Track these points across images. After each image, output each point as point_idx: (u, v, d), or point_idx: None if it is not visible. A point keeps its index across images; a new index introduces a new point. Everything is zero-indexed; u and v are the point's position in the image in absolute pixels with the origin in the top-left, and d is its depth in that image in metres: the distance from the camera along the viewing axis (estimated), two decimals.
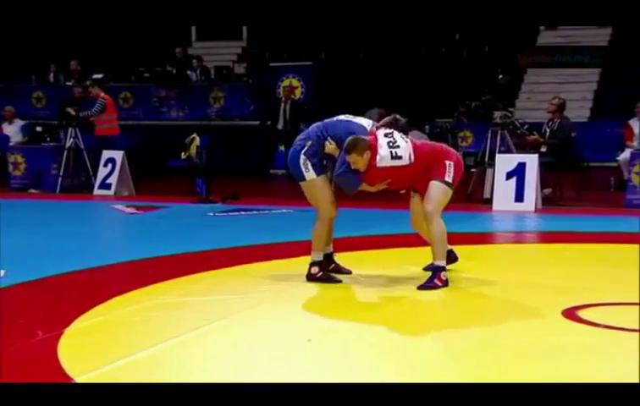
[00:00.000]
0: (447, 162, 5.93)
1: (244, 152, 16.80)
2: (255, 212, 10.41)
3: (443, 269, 5.82)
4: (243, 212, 10.44)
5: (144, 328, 4.81)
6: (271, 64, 17.81)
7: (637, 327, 4.58)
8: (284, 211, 10.53)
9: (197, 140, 12.00)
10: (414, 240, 6.68)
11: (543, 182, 10.96)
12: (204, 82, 18.17)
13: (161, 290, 5.76)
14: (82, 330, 4.73)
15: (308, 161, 6.09)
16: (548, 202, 10.93)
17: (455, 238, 6.60)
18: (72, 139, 13.15)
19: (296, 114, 15.28)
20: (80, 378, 3.82)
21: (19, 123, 14.97)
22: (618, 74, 18.20)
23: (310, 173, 6.09)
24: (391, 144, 5.89)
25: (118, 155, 12.92)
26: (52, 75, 18.83)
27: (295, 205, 11.15)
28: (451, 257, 6.21)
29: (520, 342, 4.45)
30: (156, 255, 7.14)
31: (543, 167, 10.80)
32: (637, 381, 3.72)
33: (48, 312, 5.20)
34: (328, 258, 6.30)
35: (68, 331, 4.66)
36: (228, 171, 14.88)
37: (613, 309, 5.12)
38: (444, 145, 6.41)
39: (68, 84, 18.08)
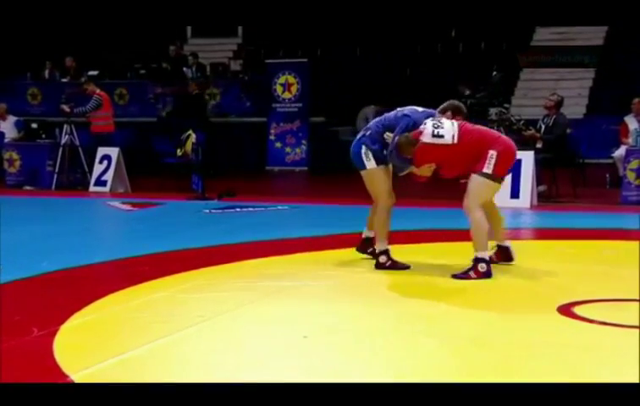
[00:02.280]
0: (490, 152, 5.97)
1: (240, 149, 16.78)
2: (251, 209, 10.41)
3: (482, 260, 5.91)
4: (239, 209, 10.43)
5: (140, 325, 4.80)
6: (267, 61, 17.79)
7: (632, 324, 4.59)
8: (279, 207, 10.53)
9: (193, 137, 11.99)
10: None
11: (539, 179, 10.97)
12: (200, 79, 18.15)
13: (157, 287, 5.76)
14: (78, 327, 4.72)
15: (369, 151, 6.35)
16: (544, 199, 10.94)
17: (450, 235, 6.62)
18: (67, 136, 13.13)
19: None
20: (75, 375, 3.82)
21: (12, 119, 14.93)
22: (613, 72, 18.22)
23: (371, 163, 6.37)
24: (435, 125, 6.06)
25: (113, 152, 12.90)
26: (47, 72, 18.80)
27: (290, 201, 11.17)
28: (507, 256, 6.38)
29: (516, 338, 4.45)
30: (151, 252, 7.13)
31: (539, 164, 10.80)
32: (633, 378, 3.73)
33: (44, 309, 5.19)
34: (369, 242, 6.61)
35: (64, 328, 4.65)
36: (225, 168, 14.88)
37: (609, 306, 5.13)
38: (496, 133, 6.50)
39: (64, 80, 18.05)
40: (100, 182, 12.85)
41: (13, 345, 4.33)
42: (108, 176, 12.81)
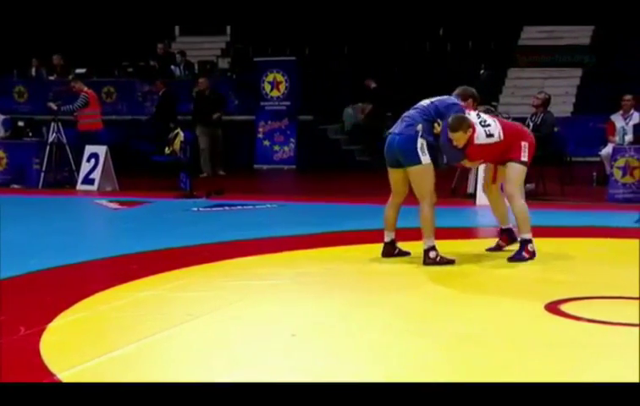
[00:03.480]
0: (523, 143, 6.57)
1: (228, 147, 16.73)
2: (239, 207, 10.40)
3: (529, 242, 6.48)
4: (227, 208, 10.42)
5: (127, 324, 4.79)
6: (255, 59, 17.76)
7: (621, 321, 4.61)
8: (268, 205, 10.53)
9: (181, 135, 11.95)
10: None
11: (527, 177, 10.98)
12: (188, 77, 18.11)
13: (145, 286, 5.74)
14: (65, 326, 4.71)
15: (425, 145, 6.35)
16: (532, 197, 10.96)
17: (438, 233, 6.63)
18: (54, 134, 13.06)
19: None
20: (62, 374, 3.80)
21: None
22: (600, 71, 18.29)
23: (426, 157, 6.38)
24: (482, 123, 6.52)
25: (101, 150, 12.85)
26: (34, 70, 18.69)
27: (279, 199, 11.16)
28: (512, 237, 6.79)
29: (503, 336, 4.47)
30: (139, 251, 7.11)
31: None
32: (622, 377, 3.75)
33: (31, 308, 5.17)
34: (393, 243, 6.67)
35: (51, 326, 4.63)
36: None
37: (596, 303, 5.15)
38: (521, 126, 7.18)
39: (51, 78, 17.96)
40: (87, 180, 12.79)
41: (0, 344, 4.31)
42: (96, 174, 12.75)
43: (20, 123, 14.36)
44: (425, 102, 6.62)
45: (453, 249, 7.00)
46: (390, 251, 6.68)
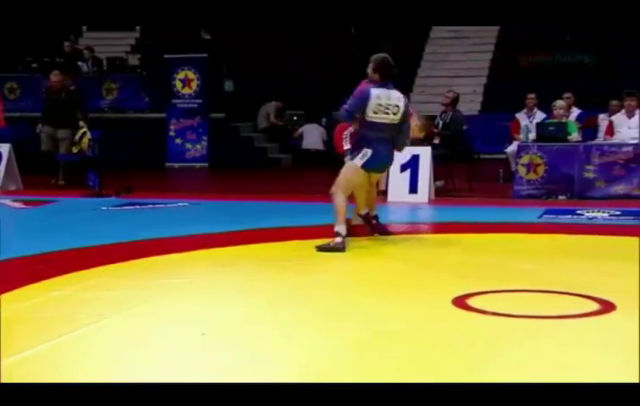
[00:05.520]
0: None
1: (138, 145, 16.49)
2: (150, 206, 10.25)
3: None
4: (138, 206, 10.26)
5: (35, 325, 4.67)
6: (165, 56, 17.54)
7: (523, 313, 4.77)
8: (179, 204, 10.42)
9: (88, 134, 11.71)
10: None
11: (436, 174, 11.23)
12: (96, 73, 17.73)
13: (54, 286, 5.60)
14: None
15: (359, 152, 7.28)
16: (441, 193, 11.21)
17: (351, 231, 6.70)
18: None
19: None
20: None
21: None
22: (506, 69, 18.84)
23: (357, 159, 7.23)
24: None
25: (4, 148, 12.45)
26: None
27: (191, 198, 11.06)
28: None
29: (412, 332, 4.54)
30: (47, 251, 6.93)
31: (436, 160, 11.06)
32: (522, 368, 3.88)
33: None
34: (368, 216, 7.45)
35: None
36: (123, 164, 14.60)
37: (500, 297, 5.31)
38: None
39: None
40: None
41: None
42: None
43: None
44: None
45: (364, 245, 7.10)
46: (369, 224, 7.39)
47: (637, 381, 3.57)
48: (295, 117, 18.21)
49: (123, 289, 5.61)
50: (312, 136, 17.28)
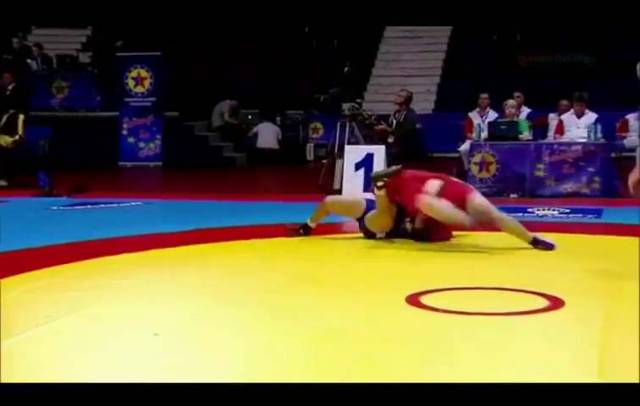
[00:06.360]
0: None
1: (90, 144, 16.29)
2: (102, 206, 10.13)
3: None
4: (90, 206, 10.13)
5: None
6: (118, 54, 17.34)
7: (474, 311, 4.83)
8: (132, 203, 10.31)
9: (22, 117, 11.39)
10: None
11: None
12: (45, 71, 17.46)
13: (2, 287, 5.48)
14: None
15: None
16: None
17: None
18: None
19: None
20: None
21: None
22: (459, 69, 19.04)
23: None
24: None
25: None
26: None
27: (144, 197, 10.96)
28: None
29: (366, 330, 4.56)
30: None
31: (390, 159, 11.13)
32: (472, 366, 3.93)
33: None
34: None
35: None
36: (75, 164, 14.40)
37: (453, 294, 5.36)
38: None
39: None
40: None
41: None
42: None
43: None
44: None
45: (317, 244, 7.11)
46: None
47: (586, 378, 3.65)
48: (249, 116, 18.18)
49: (75, 290, 5.54)
50: (267, 135, 17.26)
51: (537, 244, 6.76)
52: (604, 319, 4.63)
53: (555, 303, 5.00)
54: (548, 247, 6.71)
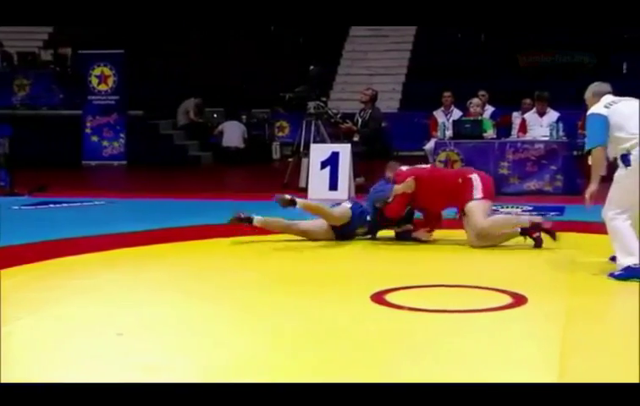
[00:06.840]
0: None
1: (52, 143, 16.08)
2: (65, 205, 10.01)
3: None
4: (52, 205, 10.00)
5: None
6: (80, 52, 17.14)
7: (437, 308, 4.86)
8: (96, 202, 10.21)
9: None
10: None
11: (356, 171, 11.31)
12: (6, 68, 17.20)
13: None
14: None
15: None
16: (361, 190, 11.28)
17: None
18: None
19: None
20: None
21: None
22: (424, 67, 19.13)
23: None
24: None
25: None
26: None
27: (107, 196, 10.85)
28: None
29: (331, 328, 4.56)
30: None
31: (356, 157, 11.15)
32: (439, 365, 3.95)
33: None
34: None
35: None
36: (37, 162, 14.21)
37: (418, 292, 5.38)
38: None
39: None
40: None
41: None
42: None
43: None
44: None
45: (283, 244, 7.10)
46: None
47: (548, 376, 3.68)
48: (214, 115, 18.08)
49: (37, 290, 5.47)
50: (232, 134, 17.17)
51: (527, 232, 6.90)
52: (566, 315, 4.69)
53: (518, 300, 5.05)
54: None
